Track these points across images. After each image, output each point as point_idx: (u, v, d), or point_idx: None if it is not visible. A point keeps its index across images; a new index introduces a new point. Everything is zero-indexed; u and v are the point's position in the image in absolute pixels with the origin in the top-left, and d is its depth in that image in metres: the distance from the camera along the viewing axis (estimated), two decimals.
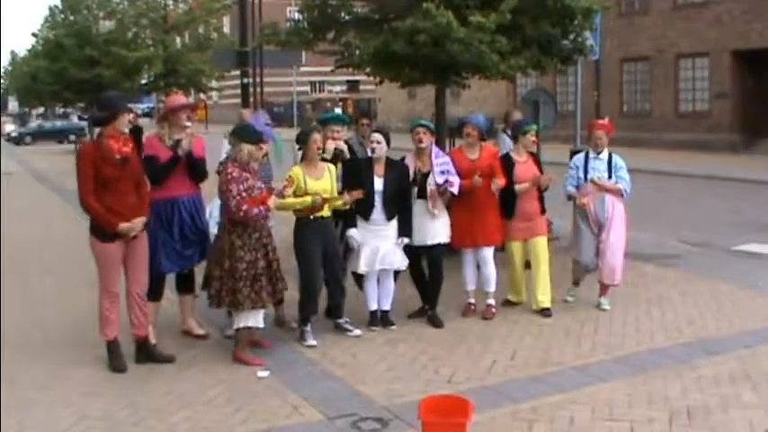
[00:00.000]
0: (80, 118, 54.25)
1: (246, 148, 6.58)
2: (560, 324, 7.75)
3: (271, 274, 6.65)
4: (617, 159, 8.31)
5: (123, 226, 6.36)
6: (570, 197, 8.38)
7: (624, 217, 8.32)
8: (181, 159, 6.99)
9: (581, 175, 8.26)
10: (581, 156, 8.45)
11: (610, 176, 8.21)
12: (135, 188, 6.53)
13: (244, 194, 6.43)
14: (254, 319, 6.65)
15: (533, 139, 8.37)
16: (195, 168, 7.15)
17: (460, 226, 7.90)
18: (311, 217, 7.09)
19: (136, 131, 37.05)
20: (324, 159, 7.42)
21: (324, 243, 7.19)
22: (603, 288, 8.38)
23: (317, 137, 7.22)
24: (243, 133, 6.71)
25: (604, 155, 8.29)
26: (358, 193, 7.25)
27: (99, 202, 6.33)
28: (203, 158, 7.21)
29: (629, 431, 5.31)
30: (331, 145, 7.75)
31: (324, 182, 7.19)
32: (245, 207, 6.40)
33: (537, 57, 10.32)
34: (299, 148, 7.36)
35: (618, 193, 8.23)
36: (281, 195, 6.83)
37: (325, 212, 7.18)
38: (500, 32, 9.46)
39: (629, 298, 8.50)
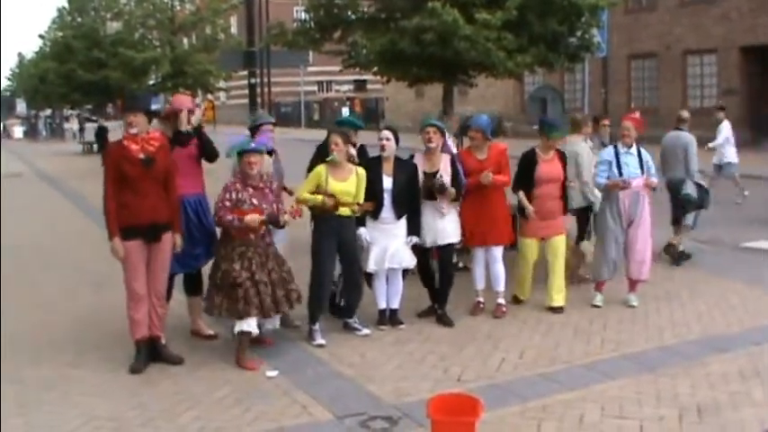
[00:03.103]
0: (79, 119, 54.07)
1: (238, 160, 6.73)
2: (569, 322, 7.74)
3: (255, 289, 6.53)
4: (646, 154, 8.30)
5: (115, 242, 6.40)
6: (605, 188, 8.28)
7: (650, 212, 8.36)
8: (184, 136, 7.04)
9: (614, 170, 8.18)
10: (610, 150, 8.36)
11: (642, 171, 8.20)
12: (160, 189, 6.53)
13: (227, 203, 6.55)
14: (247, 324, 6.57)
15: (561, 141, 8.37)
16: (204, 144, 7.18)
17: (469, 225, 7.89)
18: (327, 215, 7.09)
19: (101, 132, 36.84)
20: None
21: (340, 242, 7.19)
22: (632, 284, 8.39)
23: (334, 139, 7.21)
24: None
25: (634, 149, 8.27)
26: (368, 205, 7.25)
27: (118, 199, 6.38)
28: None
29: (638, 429, 5.30)
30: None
31: (348, 184, 7.17)
32: (220, 213, 6.55)
33: (544, 54, 10.32)
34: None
35: (651, 189, 8.27)
36: (277, 221, 6.76)
37: (345, 211, 7.16)
38: (507, 30, 9.47)
39: (637, 295, 8.46)
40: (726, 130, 15.92)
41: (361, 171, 7.34)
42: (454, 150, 9.00)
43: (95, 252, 10.46)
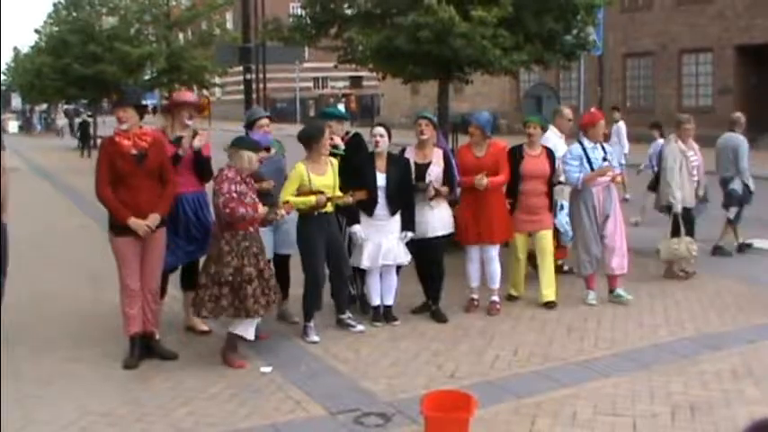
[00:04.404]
0: (66, 114, 53.84)
1: (246, 154, 6.49)
2: (563, 319, 7.75)
3: (263, 285, 6.49)
4: (609, 147, 8.48)
5: (133, 221, 6.34)
6: (578, 186, 8.27)
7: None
8: (181, 158, 6.99)
9: (585, 165, 8.19)
10: (577, 147, 8.36)
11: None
12: (155, 184, 6.50)
13: (234, 195, 6.33)
14: (245, 329, 6.51)
15: (529, 131, 8.30)
16: (201, 167, 7.15)
17: (466, 223, 7.89)
18: (315, 213, 7.09)
19: (84, 126, 36.67)
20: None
21: (327, 238, 7.18)
22: (613, 280, 8.40)
23: (328, 134, 7.19)
24: (242, 142, 6.66)
25: (598, 144, 8.36)
26: (362, 194, 7.24)
27: (114, 195, 6.36)
28: (209, 157, 7.21)
29: (631, 426, 5.31)
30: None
31: (327, 178, 7.17)
32: (232, 204, 6.28)
33: (540, 52, 10.33)
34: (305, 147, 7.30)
35: (618, 181, 8.47)
36: (273, 218, 6.77)
37: (329, 208, 7.18)
38: (502, 27, 9.48)
39: (632, 293, 8.48)
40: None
41: (333, 161, 7.34)
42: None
43: (93, 248, 10.44)
